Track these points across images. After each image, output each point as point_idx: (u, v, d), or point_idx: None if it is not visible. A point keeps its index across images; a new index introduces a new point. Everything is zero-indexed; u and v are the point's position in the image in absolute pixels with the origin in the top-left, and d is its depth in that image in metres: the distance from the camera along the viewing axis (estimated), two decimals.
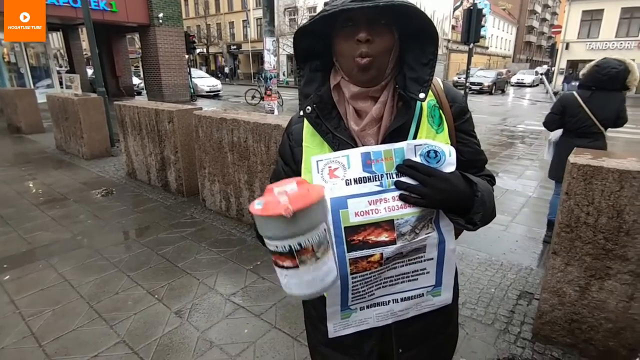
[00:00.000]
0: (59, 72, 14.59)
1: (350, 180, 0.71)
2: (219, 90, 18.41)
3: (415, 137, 0.76)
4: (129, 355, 1.94)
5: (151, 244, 3.15)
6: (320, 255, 0.60)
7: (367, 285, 0.76)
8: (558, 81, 21.76)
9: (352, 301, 0.78)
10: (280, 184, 0.61)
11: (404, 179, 0.71)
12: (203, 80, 18.29)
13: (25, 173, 5.20)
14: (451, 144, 0.80)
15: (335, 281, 0.63)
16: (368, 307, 0.80)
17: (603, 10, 21.74)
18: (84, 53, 18.29)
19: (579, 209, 1.69)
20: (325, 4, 0.75)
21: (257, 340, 2.05)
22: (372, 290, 0.78)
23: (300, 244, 0.58)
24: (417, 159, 0.72)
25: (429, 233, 0.75)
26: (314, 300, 0.91)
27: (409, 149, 0.72)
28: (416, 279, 0.80)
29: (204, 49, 35.96)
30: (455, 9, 31.34)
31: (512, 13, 51.36)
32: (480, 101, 17.48)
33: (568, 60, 23.43)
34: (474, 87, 20.38)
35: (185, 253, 3.00)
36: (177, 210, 3.91)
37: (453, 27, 32.97)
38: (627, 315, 1.71)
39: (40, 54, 13.74)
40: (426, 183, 0.70)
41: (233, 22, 36.36)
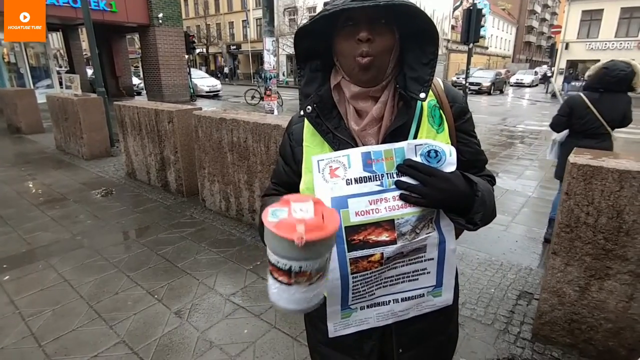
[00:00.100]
0: (58, 72, 14.57)
1: (351, 179, 0.71)
2: (218, 91, 18.42)
3: (415, 136, 0.76)
4: (128, 356, 1.94)
5: (151, 244, 3.15)
6: (315, 281, 0.63)
7: (367, 285, 0.76)
8: (558, 81, 21.78)
9: (353, 301, 0.78)
10: (297, 199, 0.62)
11: (404, 179, 0.71)
12: (203, 81, 18.30)
13: (25, 173, 5.20)
14: (451, 143, 0.80)
15: (320, 303, 0.66)
16: (368, 306, 0.80)
17: (603, 10, 21.75)
18: (84, 53, 18.27)
19: (579, 209, 1.69)
20: (326, 4, 0.75)
21: (256, 340, 2.05)
22: (373, 290, 0.78)
23: (301, 267, 0.60)
24: (418, 159, 0.72)
25: (429, 233, 0.75)
26: None
27: (409, 148, 0.72)
28: (417, 279, 0.80)
29: (204, 49, 35.95)
30: (454, 9, 31.36)
31: (511, 13, 51.37)
32: (479, 101, 17.49)
33: (568, 60, 23.45)
34: (472, 88, 20.38)
35: (185, 253, 3.00)
36: (176, 210, 3.91)
37: (453, 27, 32.98)
38: (627, 315, 1.71)
39: (40, 54, 13.73)
40: (427, 183, 0.70)
41: (233, 22, 36.38)
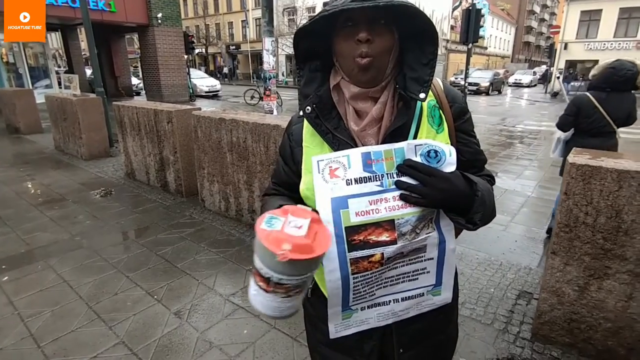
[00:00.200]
0: (57, 72, 14.53)
1: (351, 180, 0.71)
2: (218, 91, 18.41)
3: (415, 137, 0.76)
4: (128, 356, 1.94)
5: (150, 245, 3.15)
6: (292, 295, 0.65)
7: (368, 286, 0.76)
8: (557, 81, 21.81)
9: (353, 301, 0.78)
10: (296, 212, 0.64)
11: (404, 179, 0.71)
12: (202, 81, 18.29)
13: (24, 174, 5.19)
14: (451, 143, 0.80)
15: (293, 314, 0.69)
16: (369, 307, 0.80)
17: (601, 10, 21.78)
18: (83, 53, 18.23)
19: (578, 209, 1.70)
20: (325, 4, 0.75)
21: (256, 340, 2.05)
22: (373, 290, 0.78)
23: (280, 279, 0.62)
24: (418, 159, 0.72)
25: (429, 233, 0.75)
26: (314, 299, 0.91)
27: (409, 148, 0.72)
28: (416, 279, 0.80)
29: (203, 49, 35.92)
30: (454, 9, 31.38)
31: (510, 13, 51.45)
32: (477, 101, 17.51)
33: (567, 61, 23.47)
34: (470, 88, 20.38)
35: (185, 253, 3.00)
36: (176, 210, 3.90)
37: (452, 28, 33.00)
38: (626, 315, 1.72)
39: (38, 54, 13.71)
40: (426, 183, 0.70)
41: (232, 22, 36.36)
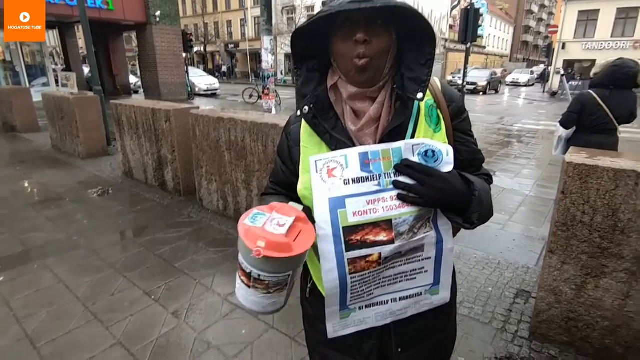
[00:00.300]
0: (54, 70, 14.49)
1: (349, 180, 0.71)
2: (216, 89, 18.36)
3: (413, 136, 0.76)
4: (125, 357, 1.93)
5: (148, 244, 3.14)
6: (272, 292, 0.66)
7: (366, 285, 0.76)
8: (555, 81, 21.88)
9: (351, 301, 0.77)
10: (281, 210, 0.65)
11: (402, 179, 0.71)
12: (200, 79, 18.25)
13: (20, 172, 5.16)
14: (449, 143, 0.80)
15: (276, 311, 0.70)
16: (367, 306, 0.80)
17: (599, 10, 21.86)
18: (81, 51, 18.19)
19: (575, 208, 1.70)
20: (324, 4, 0.75)
21: (254, 340, 2.05)
22: (371, 290, 0.78)
23: (260, 275, 0.63)
24: (415, 159, 0.72)
25: (427, 232, 0.75)
26: (312, 299, 0.91)
27: (406, 148, 0.72)
28: (414, 278, 0.80)
29: (202, 48, 35.81)
30: (452, 9, 31.42)
31: (509, 13, 51.55)
32: (475, 100, 17.53)
33: (564, 60, 23.55)
34: (468, 87, 20.41)
35: (183, 253, 2.99)
36: (174, 209, 3.89)
37: (450, 27, 33.05)
38: (623, 313, 1.72)
39: (36, 52, 13.65)
40: (424, 182, 0.70)
41: (231, 20, 36.28)
